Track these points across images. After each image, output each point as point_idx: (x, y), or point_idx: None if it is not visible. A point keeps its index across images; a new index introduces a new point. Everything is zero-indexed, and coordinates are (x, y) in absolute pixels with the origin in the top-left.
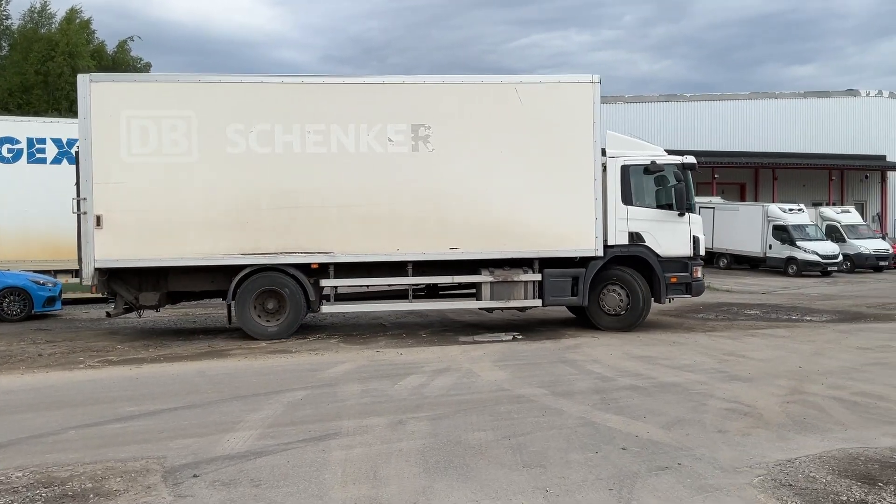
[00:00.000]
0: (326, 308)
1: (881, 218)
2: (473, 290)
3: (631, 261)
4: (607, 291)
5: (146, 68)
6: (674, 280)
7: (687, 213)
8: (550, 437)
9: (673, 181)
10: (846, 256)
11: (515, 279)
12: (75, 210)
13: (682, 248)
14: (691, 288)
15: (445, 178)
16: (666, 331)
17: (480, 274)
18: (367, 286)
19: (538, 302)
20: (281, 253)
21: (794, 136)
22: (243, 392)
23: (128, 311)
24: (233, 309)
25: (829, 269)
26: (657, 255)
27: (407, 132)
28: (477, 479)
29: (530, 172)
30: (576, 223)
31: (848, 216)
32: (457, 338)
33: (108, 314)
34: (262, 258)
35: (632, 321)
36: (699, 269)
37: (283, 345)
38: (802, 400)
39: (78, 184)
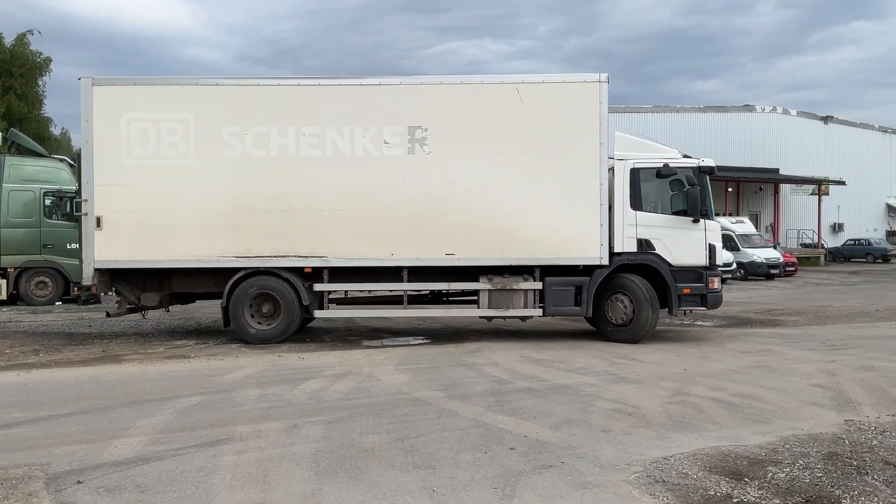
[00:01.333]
0: (320, 313)
1: (774, 228)
2: (476, 298)
3: (640, 269)
4: (613, 301)
5: (46, 63)
6: (687, 291)
7: (703, 220)
8: (443, 438)
9: (688, 185)
10: (740, 264)
11: (514, 287)
12: (77, 211)
13: (696, 256)
14: (706, 299)
15: (442, 182)
16: (563, 334)
17: (479, 281)
18: (361, 291)
19: (539, 311)
20: (275, 256)
21: (693, 149)
22: (136, 398)
23: (131, 311)
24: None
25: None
26: (669, 265)
27: (403, 135)
28: (366, 481)
29: (531, 176)
30: (579, 229)
31: (742, 226)
32: (361, 342)
33: (108, 314)
34: (256, 261)
35: (637, 333)
36: (716, 279)
37: (180, 350)
38: (684, 401)
39: (80, 185)
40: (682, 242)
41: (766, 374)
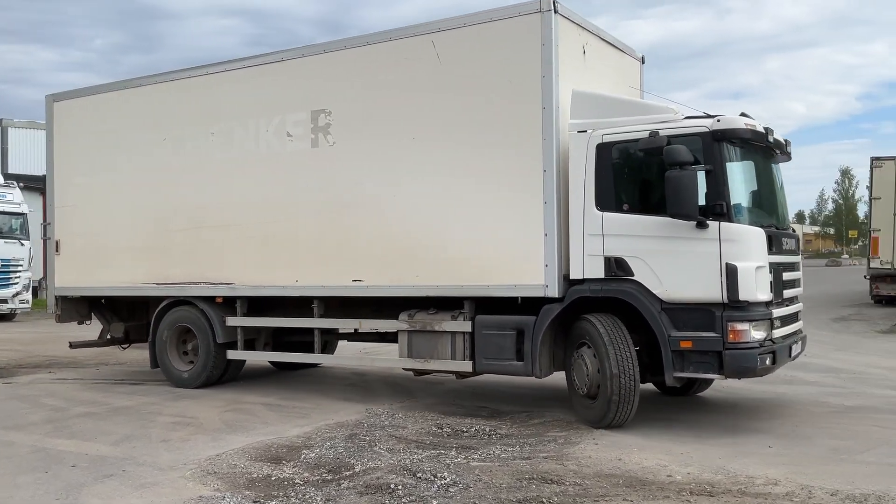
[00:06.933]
0: (233, 354)
1: None
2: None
3: (615, 306)
4: (576, 357)
5: None
6: (687, 345)
7: (716, 222)
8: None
9: (683, 163)
10: None
11: (438, 329)
12: (43, 235)
13: (701, 285)
14: (723, 360)
15: (346, 182)
16: (126, 359)
17: (398, 318)
18: (275, 327)
19: (468, 365)
20: (188, 283)
21: None
22: None
23: (110, 343)
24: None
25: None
26: (658, 300)
27: (306, 122)
28: None
29: (450, 166)
30: (512, 243)
31: None
32: None
33: (71, 345)
34: (172, 289)
35: (604, 411)
36: (742, 325)
37: None
38: (238, 408)
39: (45, 208)
40: (679, 262)
41: (310, 379)
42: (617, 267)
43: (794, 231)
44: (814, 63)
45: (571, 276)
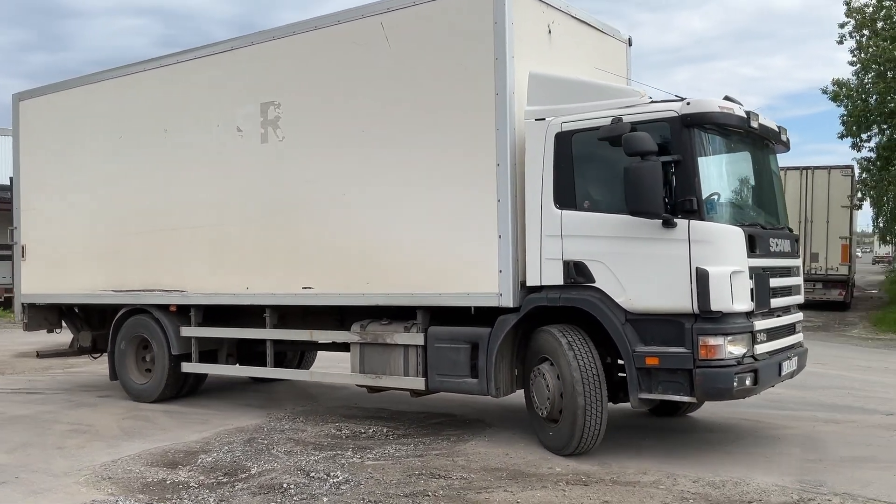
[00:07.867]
0: (188, 367)
1: None
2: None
3: (579, 316)
4: (537, 374)
5: None
6: (653, 361)
7: (685, 220)
8: None
9: (663, 153)
10: None
11: (389, 341)
12: (11, 240)
13: (669, 293)
14: (693, 380)
15: (296, 180)
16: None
17: (350, 330)
18: (228, 338)
19: (421, 382)
20: (143, 290)
21: None
22: None
23: (82, 352)
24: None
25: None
26: (623, 310)
27: (255, 116)
28: None
29: (402, 161)
30: (466, 246)
31: None
32: None
33: (38, 354)
34: (128, 296)
35: (568, 437)
36: (716, 340)
37: None
38: (137, 415)
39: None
40: (644, 267)
41: (214, 387)
42: (576, 272)
43: (790, 231)
44: (718, 76)
45: (529, 283)
